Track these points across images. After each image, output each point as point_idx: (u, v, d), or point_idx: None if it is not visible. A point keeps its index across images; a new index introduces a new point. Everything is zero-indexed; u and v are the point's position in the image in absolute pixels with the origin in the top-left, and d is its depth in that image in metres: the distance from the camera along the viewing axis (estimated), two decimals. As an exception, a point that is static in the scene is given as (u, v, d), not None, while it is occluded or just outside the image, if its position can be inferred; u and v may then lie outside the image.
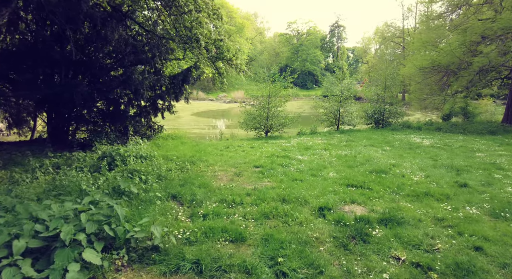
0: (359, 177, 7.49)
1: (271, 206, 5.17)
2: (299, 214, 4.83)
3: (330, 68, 74.95)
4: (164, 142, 12.50)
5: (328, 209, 5.11)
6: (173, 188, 6.06)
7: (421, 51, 23.67)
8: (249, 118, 17.33)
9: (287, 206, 5.19)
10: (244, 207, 5.15)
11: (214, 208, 4.97)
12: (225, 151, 11.68)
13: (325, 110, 19.75)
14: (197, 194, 5.68)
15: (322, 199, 5.59)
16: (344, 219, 4.69)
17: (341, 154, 10.85)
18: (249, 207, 5.17)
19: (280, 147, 12.64)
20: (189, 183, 6.57)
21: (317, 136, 16.70)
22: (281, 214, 4.82)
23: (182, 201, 5.45)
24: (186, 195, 5.63)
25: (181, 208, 5.14)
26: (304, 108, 43.89)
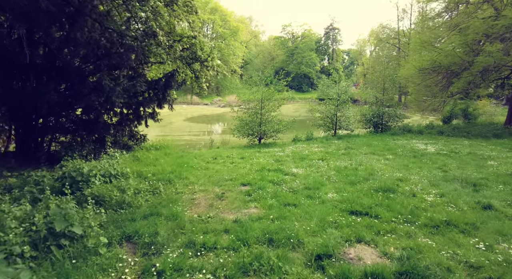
0: (363, 198, 6.22)
1: (254, 252, 3.86)
2: (289, 266, 3.55)
3: (325, 71, 73.97)
4: (145, 154, 11.19)
5: (328, 256, 3.82)
6: (132, 224, 4.75)
7: (420, 51, 22.54)
8: (241, 124, 16.06)
9: (274, 251, 3.90)
10: (217, 255, 3.85)
11: (175, 259, 3.65)
12: (211, 163, 10.40)
13: (321, 115, 18.52)
14: (159, 233, 4.37)
15: (321, 238, 4.31)
16: (350, 274, 3.41)
17: (340, 166, 9.59)
18: (224, 254, 3.87)
19: (273, 157, 11.37)
20: (155, 213, 5.27)
21: (313, 143, 15.45)
22: (266, 267, 3.52)
23: (138, 244, 4.14)
24: (145, 234, 4.32)
25: (132, 258, 3.83)
26: (300, 111, 42.71)
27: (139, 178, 8.05)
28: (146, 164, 9.74)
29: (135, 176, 8.18)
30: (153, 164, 9.73)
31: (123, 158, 10.54)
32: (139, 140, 13.25)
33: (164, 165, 9.62)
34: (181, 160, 10.60)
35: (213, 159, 11.14)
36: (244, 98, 16.60)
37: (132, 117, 12.54)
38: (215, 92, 58.61)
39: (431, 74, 20.23)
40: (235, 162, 10.55)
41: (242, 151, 13.34)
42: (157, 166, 9.40)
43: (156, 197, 6.43)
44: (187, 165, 9.68)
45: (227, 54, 58.23)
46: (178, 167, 9.34)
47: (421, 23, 45.53)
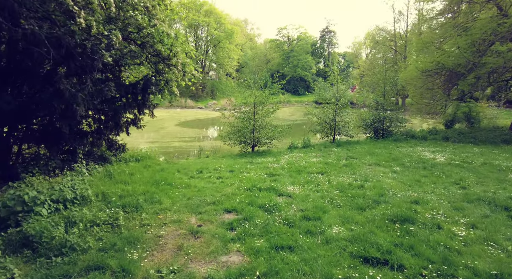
0: (378, 234, 4.80)
1: None
2: None
3: (321, 74, 72.78)
4: (121, 168, 9.72)
5: None
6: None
7: (422, 53, 21.28)
8: (233, 131, 14.62)
9: None
10: None
11: None
12: (195, 179, 8.95)
13: (318, 120, 17.12)
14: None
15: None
16: None
17: (343, 182, 8.17)
18: None
19: (266, 169, 9.94)
20: (100, 265, 3.82)
21: (311, 151, 14.03)
22: None
23: None
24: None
25: None
26: (296, 115, 41.40)
27: (103, 201, 6.59)
28: (118, 182, 8.27)
29: (98, 199, 6.73)
30: (125, 181, 8.26)
31: (94, 173, 9.14)
32: (118, 150, 11.81)
33: (138, 182, 8.16)
34: (160, 175, 9.13)
35: (198, 173, 9.68)
36: (235, 103, 15.14)
37: (109, 125, 11.12)
38: (210, 96, 57.14)
39: (433, 76, 18.96)
40: (223, 176, 9.10)
41: (232, 161, 11.90)
42: (130, 184, 7.94)
43: (113, 233, 4.97)
44: (165, 182, 8.22)
45: (222, 57, 56.87)
46: (153, 185, 7.89)
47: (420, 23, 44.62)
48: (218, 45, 57.04)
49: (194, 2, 56.82)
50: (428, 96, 21.25)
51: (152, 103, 10.99)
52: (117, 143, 11.76)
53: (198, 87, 51.55)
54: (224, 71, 59.39)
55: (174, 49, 9.28)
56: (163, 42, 8.39)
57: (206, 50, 58.98)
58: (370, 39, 58.80)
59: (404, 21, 51.16)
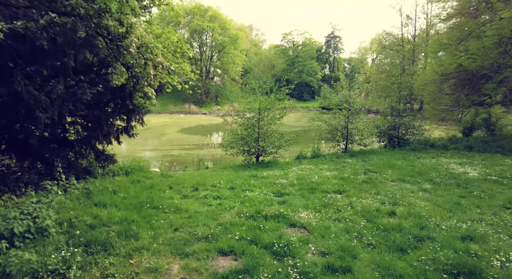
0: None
1: None
2: None
3: (327, 79, 71.24)
4: (103, 183, 8.24)
5: None
6: None
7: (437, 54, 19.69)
8: (235, 139, 13.10)
9: None
10: None
11: None
12: (188, 199, 7.42)
13: (329, 127, 15.54)
14: None
15: None
16: None
17: (369, 206, 6.59)
18: None
19: (273, 186, 8.38)
20: None
21: (322, 162, 12.44)
22: None
23: None
24: None
25: None
26: (301, 121, 39.88)
27: (65, 235, 5.08)
28: (95, 203, 6.77)
29: (61, 231, 5.22)
30: (104, 202, 6.75)
31: (71, 190, 7.69)
32: (106, 161, 10.36)
33: (119, 204, 6.66)
34: (147, 193, 7.62)
35: (193, 190, 8.15)
36: (239, 109, 13.64)
37: (97, 134, 9.71)
38: (214, 101, 55.87)
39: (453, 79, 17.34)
40: (222, 195, 7.55)
41: (234, 174, 10.36)
42: (107, 208, 6.44)
43: (56, 295, 3.45)
44: (151, 205, 6.70)
45: (227, 62, 55.66)
46: (135, 210, 6.37)
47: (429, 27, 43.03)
48: (222, 50, 55.88)
49: (198, 8, 55.89)
50: (445, 101, 19.61)
51: (139, 109, 9.57)
52: (105, 153, 10.34)
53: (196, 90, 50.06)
54: (229, 76, 58.15)
55: (126, 20, 6.71)
56: (111, 12, 6.07)
57: (211, 55, 57.86)
58: (376, 44, 57.29)
59: (412, 26, 49.45)
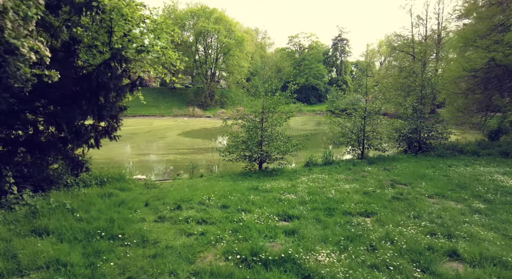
0: None
1: None
2: None
3: (334, 83, 69.08)
4: (60, 199, 6.32)
5: None
6: None
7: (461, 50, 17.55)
8: (235, 143, 11.14)
9: None
10: None
11: None
12: (163, 223, 5.44)
13: (343, 130, 13.47)
14: None
15: None
16: None
17: (415, 239, 4.53)
18: None
19: (277, 205, 6.36)
20: None
21: (336, 170, 10.38)
22: None
23: None
24: None
25: None
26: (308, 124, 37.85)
27: None
28: (32, 229, 4.85)
29: None
30: (47, 228, 4.85)
31: (15, 209, 5.84)
32: (76, 169, 8.49)
33: (65, 232, 4.73)
34: (111, 213, 5.66)
35: (173, 209, 6.17)
36: (244, 112, 11.65)
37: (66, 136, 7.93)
38: (219, 104, 54.10)
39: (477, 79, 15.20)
40: (209, 218, 5.54)
41: (231, 185, 8.36)
42: (44, 238, 4.53)
43: None
44: (108, 233, 4.74)
45: (232, 65, 53.87)
46: (81, 242, 4.44)
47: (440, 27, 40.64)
48: (228, 53, 54.14)
49: (204, 10, 54.39)
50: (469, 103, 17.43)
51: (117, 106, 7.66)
52: (76, 159, 8.46)
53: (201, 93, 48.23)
54: (234, 79, 56.30)
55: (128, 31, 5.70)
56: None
57: (216, 58, 56.18)
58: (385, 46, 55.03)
59: (423, 26, 46.96)
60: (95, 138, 8.53)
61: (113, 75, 6.52)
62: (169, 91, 57.56)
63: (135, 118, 43.53)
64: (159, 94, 55.28)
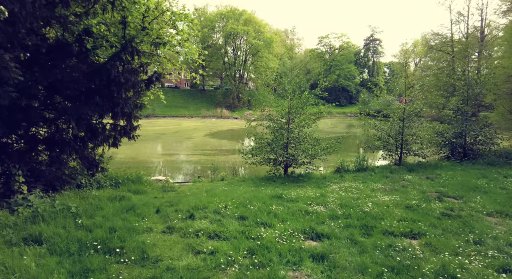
0: None
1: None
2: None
3: (365, 84, 66.43)
4: (66, 201, 5.81)
5: None
6: None
7: None
8: (259, 145, 10.31)
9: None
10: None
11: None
12: (170, 236, 4.72)
13: (378, 132, 12.21)
14: None
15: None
16: None
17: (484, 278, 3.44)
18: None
19: (304, 218, 5.45)
20: None
21: (372, 178, 9.24)
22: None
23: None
24: None
25: None
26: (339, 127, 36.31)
27: None
28: (25, 237, 4.32)
29: None
30: (39, 237, 4.28)
31: (20, 212, 5.41)
32: (92, 169, 8.05)
33: (58, 243, 4.15)
34: (116, 221, 5.02)
35: (185, 218, 5.44)
36: (270, 113, 10.80)
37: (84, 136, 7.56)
38: (247, 106, 53.62)
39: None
40: (223, 233, 4.73)
41: (252, 191, 7.54)
42: (33, 248, 3.96)
43: None
44: (105, 246, 4.08)
45: (260, 66, 53.18)
46: (72, 256, 3.80)
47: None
48: (256, 54, 53.58)
49: (233, 11, 54.25)
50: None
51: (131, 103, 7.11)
52: (90, 158, 8.01)
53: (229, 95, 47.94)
54: (262, 81, 55.55)
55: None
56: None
57: (245, 59, 55.82)
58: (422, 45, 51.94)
59: (464, 23, 43.57)
60: (113, 137, 8.06)
61: (125, 69, 5.93)
62: (198, 93, 58.03)
63: (165, 119, 44.12)
64: (188, 95, 55.87)
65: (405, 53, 73.07)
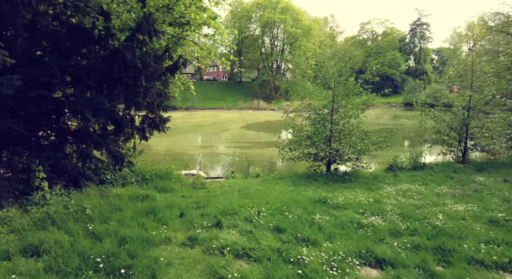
0: None
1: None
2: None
3: (411, 72, 61.55)
4: (81, 201, 5.19)
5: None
6: None
7: None
8: (298, 139, 9.16)
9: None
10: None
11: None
12: (190, 250, 3.84)
13: (437, 125, 10.43)
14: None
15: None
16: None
17: None
18: None
19: (356, 234, 4.28)
20: None
21: (433, 180, 7.70)
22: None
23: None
24: None
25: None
26: (384, 118, 33.81)
27: None
28: (25, 246, 3.70)
29: None
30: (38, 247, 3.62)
31: (31, 212, 4.90)
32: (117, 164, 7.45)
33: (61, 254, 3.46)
34: (132, 229, 4.25)
35: (211, 225, 4.55)
36: (299, 97, 9.59)
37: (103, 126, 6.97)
38: (284, 97, 52.14)
39: None
40: (253, 251, 3.71)
41: (290, 193, 6.48)
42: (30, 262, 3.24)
43: None
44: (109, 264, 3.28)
45: (298, 55, 51.13)
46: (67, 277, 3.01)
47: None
48: (294, 43, 51.60)
49: (270, 0, 52.46)
50: None
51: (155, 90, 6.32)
52: (116, 153, 7.40)
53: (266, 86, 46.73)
54: (300, 71, 53.53)
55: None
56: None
57: (282, 49, 54.10)
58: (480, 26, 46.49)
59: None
60: (142, 130, 7.40)
61: (142, 53, 5.09)
62: (235, 85, 57.59)
63: (203, 111, 44.30)
64: (226, 88, 55.68)
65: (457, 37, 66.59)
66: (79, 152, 6.74)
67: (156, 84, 6.65)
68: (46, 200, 5.26)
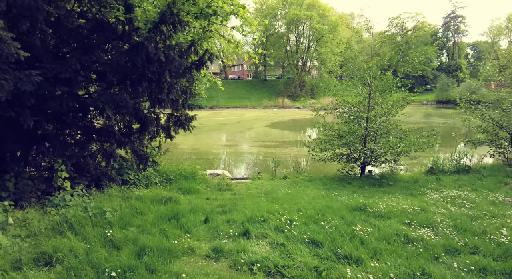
0: None
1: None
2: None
3: (444, 68, 58.28)
4: (102, 203, 4.94)
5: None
6: None
7: None
8: (329, 138, 8.53)
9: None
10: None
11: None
12: (214, 265, 3.39)
13: (483, 123, 9.40)
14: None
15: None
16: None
17: None
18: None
19: (405, 247, 3.66)
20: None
21: (483, 185, 6.82)
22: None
23: None
24: None
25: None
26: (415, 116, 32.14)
27: None
28: (35, 257, 3.39)
29: None
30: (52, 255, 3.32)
31: (50, 213, 4.71)
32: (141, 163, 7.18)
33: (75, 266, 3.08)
34: (152, 237, 3.90)
35: (239, 235, 4.11)
36: (327, 94, 8.92)
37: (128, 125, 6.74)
38: (309, 95, 51.04)
39: None
40: (288, 269, 3.21)
41: (323, 199, 5.92)
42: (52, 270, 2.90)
43: None
44: None
45: (325, 52, 49.79)
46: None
47: None
48: (320, 40, 50.28)
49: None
50: None
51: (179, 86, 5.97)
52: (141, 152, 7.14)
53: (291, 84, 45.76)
54: (326, 68, 52.15)
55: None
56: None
57: (308, 46, 52.93)
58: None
59: None
60: (166, 128, 7.10)
61: (166, 46, 4.72)
62: (260, 83, 57.14)
63: (228, 110, 44.27)
64: (251, 86, 55.36)
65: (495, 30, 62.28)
66: (102, 150, 6.55)
67: (181, 80, 6.30)
68: (66, 202, 5.06)
